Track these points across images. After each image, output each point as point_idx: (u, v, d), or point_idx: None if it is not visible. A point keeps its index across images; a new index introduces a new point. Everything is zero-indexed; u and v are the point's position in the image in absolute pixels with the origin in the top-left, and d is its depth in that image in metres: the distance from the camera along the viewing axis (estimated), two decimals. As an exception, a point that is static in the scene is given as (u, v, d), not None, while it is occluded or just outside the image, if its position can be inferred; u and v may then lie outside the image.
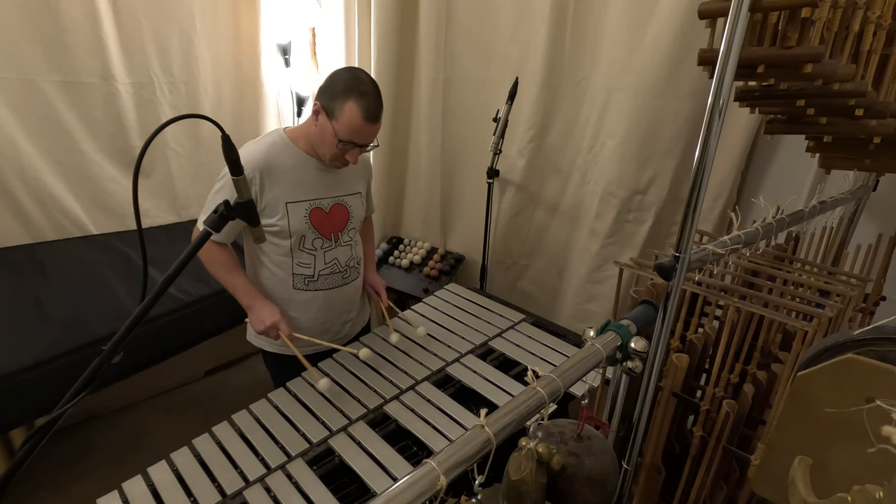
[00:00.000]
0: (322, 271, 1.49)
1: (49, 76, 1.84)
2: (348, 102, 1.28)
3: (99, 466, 2.21)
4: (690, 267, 0.91)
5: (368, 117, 1.30)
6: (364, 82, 1.30)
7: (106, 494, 1.13)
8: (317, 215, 1.43)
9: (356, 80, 1.30)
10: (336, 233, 1.48)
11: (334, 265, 1.51)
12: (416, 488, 0.56)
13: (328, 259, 1.49)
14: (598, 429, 0.86)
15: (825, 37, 0.89)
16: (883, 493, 0.48)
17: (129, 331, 0.79)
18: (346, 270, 1.54)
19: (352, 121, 1.29)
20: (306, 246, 1.44)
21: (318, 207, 1.43)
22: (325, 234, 1.46)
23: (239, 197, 0.93)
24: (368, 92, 1.29)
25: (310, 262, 1.47)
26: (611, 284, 2.10)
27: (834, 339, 0.63)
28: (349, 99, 1.28)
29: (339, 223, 1.49)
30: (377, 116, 1.33)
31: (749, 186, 1.92)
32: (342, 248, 1.51)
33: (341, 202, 1.49)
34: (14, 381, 1.60)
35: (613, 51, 1.87)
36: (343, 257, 1.52)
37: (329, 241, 1.47)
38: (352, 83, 1.29)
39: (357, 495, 1.15)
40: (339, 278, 1.53)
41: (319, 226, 1.44)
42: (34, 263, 1.89)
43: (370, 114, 1.30)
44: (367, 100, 1.29)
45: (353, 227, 1.53)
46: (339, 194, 1.48)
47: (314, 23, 2.54)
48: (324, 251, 1.47)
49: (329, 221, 1.46)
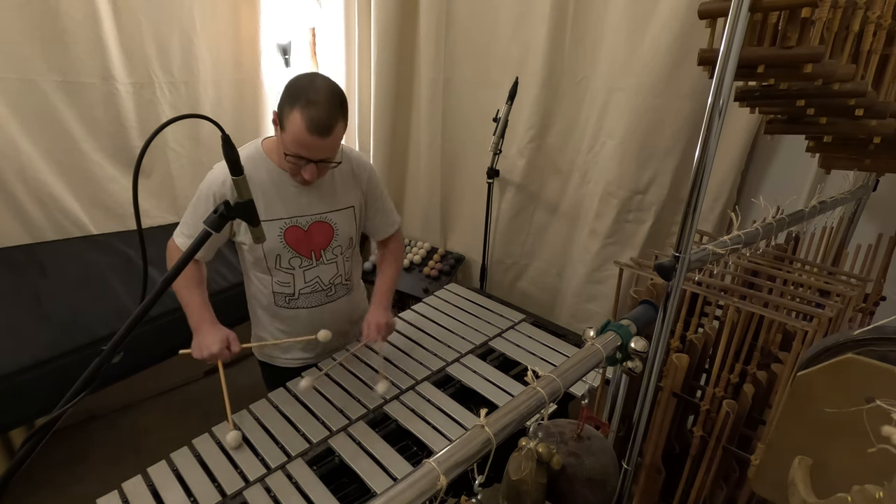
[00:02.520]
0: (302, 290, 1.41)
1: (49, 76, 1.84)
2: (294, 111, 1.13)
3: (99, 466, 2.21)
4: (690, 267, 0.90)
5: (313, 128, 1.14)
6: (316, 90, 1.14)
7: (106, 494, 1.13)
8: (293, 234, 1.34)
9: (307, 88, 1.15)
10: (317, 251, 1.38)
11: (316, 284, 1.42)
12: (416, 488, 0.56)
13: (308, 278, 1.40)
14: (598, 429, 0.86)
15: (825, 37, 0.89)
16: (883, 493, 0.48)
17: (129, 331, 0.79)
18: (329, 288, 1.45)
19: (296, 132, 1.15)
20: (283, 265, 1.36)
21: (294, 226, 1.33)
22: (303, 252, 1.37)
23: (239, 197, 0.93)
24: (318, 101, 1.13)
25: (288, 281, 1.39)
26: (611, 284, 2.10)
27: (834, 339, 0.63)
28: (295, 107, 1.13)
29: (320, 241, 1.38)
30: (326, 129, 1.15)
31: (749, 186, 1.92)
32: (325, 266, 1.41)
33: (323, 220, 1.36)
34: (14, 381, 1.60)
35: (613, 51, 1.87)
36: (327, 275, 1.43)
37: (309, 259, 1.38)
38: (301, 90, 1.14)
39: (357, 495, 1.15)
40: (323, 297, 1.45)
41: (296, 245, 1.35)
42: (34, 263, 1.89)
43: (316, 125, 1.13)
44: (315, 109, 1.13)
45: (340, 245, 1.41)
46: (320, 211, 1.36)
47: (314, 23, 2.54)
48: (303, 270, 1.39)
49: (308, 240, 1.36)
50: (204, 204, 1.29)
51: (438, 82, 2.29)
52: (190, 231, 1.33)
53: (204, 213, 1.25)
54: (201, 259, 1.36)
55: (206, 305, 1.34)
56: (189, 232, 1.33)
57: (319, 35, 2.57)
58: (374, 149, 2.54)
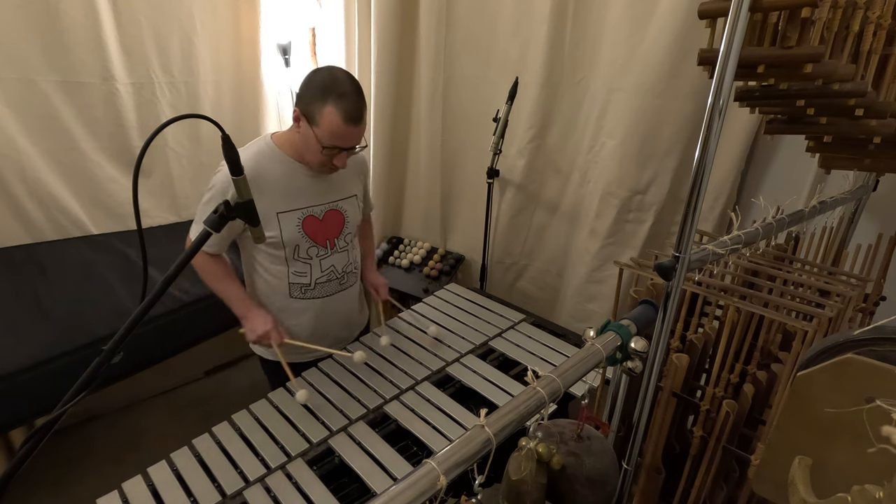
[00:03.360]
0: (319, 279, 1.46)
1: (49, 76, 1.84)
2: (327, 106, 1.20)
3: (99, 466, 2.21)
4: (690, 267, 0.90)
5: (349, 119, 1.21)
6: (341, 82, 1.21)
7: (106, 494, 1.13)
8: (310, 223, 1.39)
9: (333, 81, 1.21)
10: (332, 239, 1.44)
11: (331, 272, 1.47)
12: (416, 488, 0.56)
13: (324, 267, 1.45)
14: (598, 429, 0.86)
15: (825, 37, 0.89)
16: (883, 493, 0.48)
17: (129, 331, 0.79)
18: (343, 276, 1.50)
19: (332, 125, 1.21)
20: (301, 255, 1.41)
21: (310, 216, 1.39)
22: (319, 242, 1.42)
23: (239, 197, 0.93)
24: (347, 92, 1.21)
25: (305, 271, 1.43)
26: (611, 284, 2.10)
27: (834, 339, 0.63)
28: (327, 102, 1.20)
29: (334, 230, 1.44)
30: (360, 117, 1.24)
31: (749, 186, 1.92)
32: (339, 254, 1.47)
33: (335, 208, 1.43)
34: (14, 381, 1.60)
35: (613, 51, 1.87)
36: (340, 264, 1.48)
37: (325, 248, 1.43)
38: (328, 84, 1.20)
39: (357, 495, 1.15)
40: (337, 285, 1.50)
41: (313, 234, 1.40)
42: (34, 263, 1.89)
43: (351, 116, 1.21)
44: (347, 101, 1.20)
45: (350, 232, 1.48)
46: (332, 199, 1.42)
47: (314, 23, 2.54)
48: (319, 259, 1.44)
49: (323, 229, 1.42)
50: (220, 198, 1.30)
51: (438, 82, 2.29)
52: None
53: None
54: (216, 252, 1.40)
55: (245, 293, 1.43)
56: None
57: (319, 35, 2.57)
58: (374, 149, 2.53)
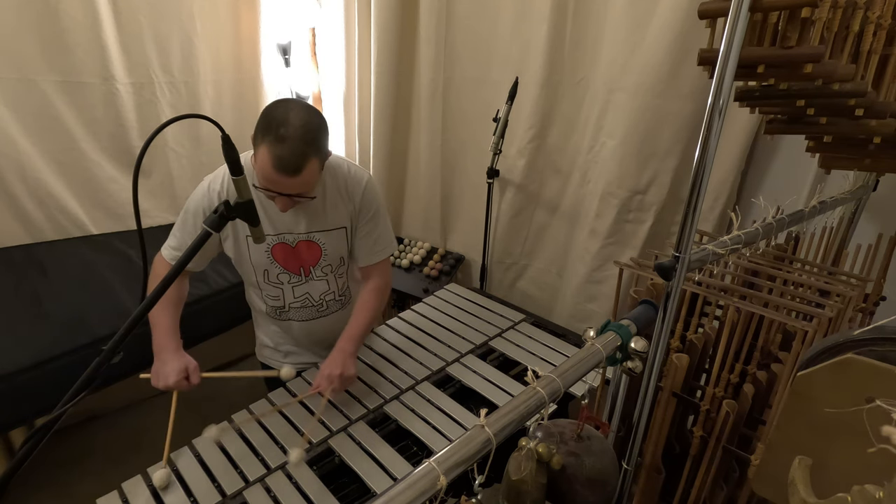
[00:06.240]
0: (292, 304, 1.40)
1: (49, 76, 1.84)
2: (263, 146, 1.08)
3: (99, 466, 2.21)
4: (690, 267, 0.90)
5: (280, 167, 1.07)
6: (287, 124, 1.06)
7: (106, 494, 1.13)
8: (280, 250, 1.31)
9: (281, 122, 1.07)
10: (306, 267, 1.35)
11: (305, 299, 1.40)
12: (416, 488, 0.56)
13: (297, 294, 1.39)
14: (598, 429, 0.86)
15: (825, 37, 0.89)
16: (883, 493, 0.48)
17: (129, 331, 0.79)
18: (321, 304, 1.42)
19: (264, 168, 1.09)
20: (271, 279, 1.35)
21: (281, 242, 1.31)
22: (291, 269, 1.34)
23: (239, 197, 0.93)
24: (288, 137, 1.06)
25: (278, 295, 1.38)
26: (611, 284, 2.10)
27: (834, 339, 0.63)
28: (264, 142, 1.08)
29: (309, 259, 1.34)
30: (295, 169, 1.08)
31: (749, 186, 1.92)
32: (315, 282, 1.38)
33: (309, 238, 1.31)
34: (14, 381, 1.60)
35: (613, 51, 1.87)
36: (317, 291, 1.40)
37: (298, 275, 1.36)
38: (275, 124, 1.07)
39: (357, 495, 1.15)
40: (314, 311, 1.43)
41: (284, 261, 1.33)
42: (34, 263, 1.89)
43: (282, 163, 1.06)
44: (283, 147, 1.06)
45: (329, 264, 1.38)
46: (308, 230, 1.31)
47: (314, 23, 2.54)
48: (292, 286, 1.37)
49: (296, 257, 1.33)
50: (192, 218, 1.28)
51: (438, 82, 2.29)
52: (178, 244, 1.31)
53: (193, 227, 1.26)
54: (190, 270, 1.32)
55: (174, 330, 1.27)
56: (177, 244, 1.31)
57: (319, 35, 2.57)
58: (374, 149, 2.53)
